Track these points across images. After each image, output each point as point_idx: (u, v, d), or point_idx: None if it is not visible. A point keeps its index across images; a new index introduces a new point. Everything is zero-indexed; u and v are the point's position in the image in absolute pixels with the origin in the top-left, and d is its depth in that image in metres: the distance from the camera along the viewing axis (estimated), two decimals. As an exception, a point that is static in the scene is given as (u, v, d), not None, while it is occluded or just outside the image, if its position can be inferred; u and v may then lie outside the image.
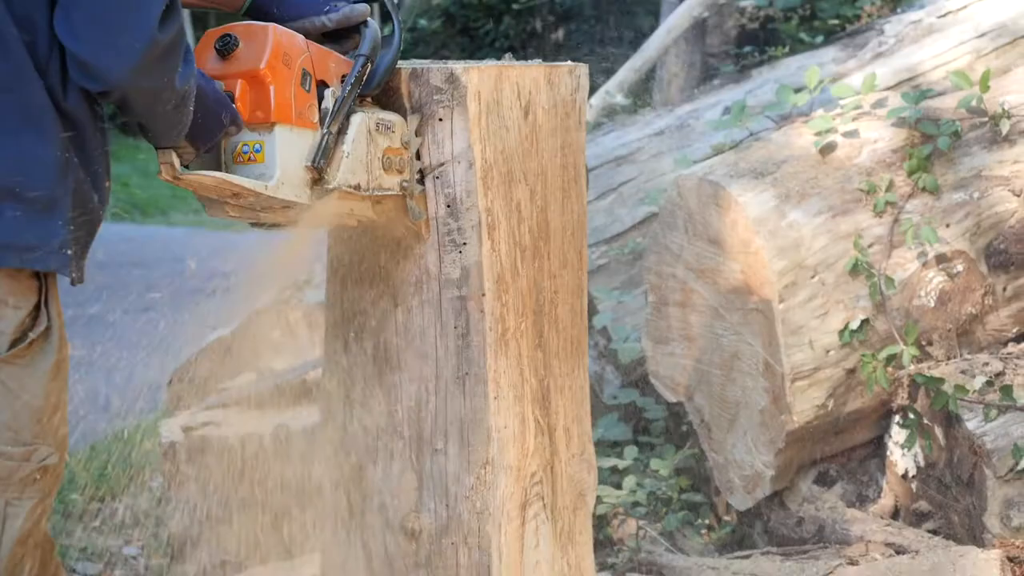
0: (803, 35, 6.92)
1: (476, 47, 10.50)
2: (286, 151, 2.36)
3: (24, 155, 2.06)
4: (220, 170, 2.37)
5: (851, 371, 3.79)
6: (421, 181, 2.60)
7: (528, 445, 2.73)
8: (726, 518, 4.23)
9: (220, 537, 4.14)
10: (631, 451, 4.36)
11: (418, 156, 2.59)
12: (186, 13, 2.65)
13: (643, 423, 4.61)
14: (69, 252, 2.12)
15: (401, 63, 2.63)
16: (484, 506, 2.64)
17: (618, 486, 4.27)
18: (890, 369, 3.79)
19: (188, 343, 5.29)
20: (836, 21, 6.95)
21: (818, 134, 3.91)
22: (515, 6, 10.48)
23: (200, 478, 4.23)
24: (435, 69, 2.57)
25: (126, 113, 2.16)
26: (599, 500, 4.22)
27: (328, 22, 2.55)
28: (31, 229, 2.07)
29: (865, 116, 4.00)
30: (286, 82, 2.35)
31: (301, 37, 2.42)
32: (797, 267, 3.70)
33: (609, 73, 7.06)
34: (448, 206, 2.59)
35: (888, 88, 4.28)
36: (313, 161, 2.40)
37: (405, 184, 2.57)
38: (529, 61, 2.78)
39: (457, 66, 2.57)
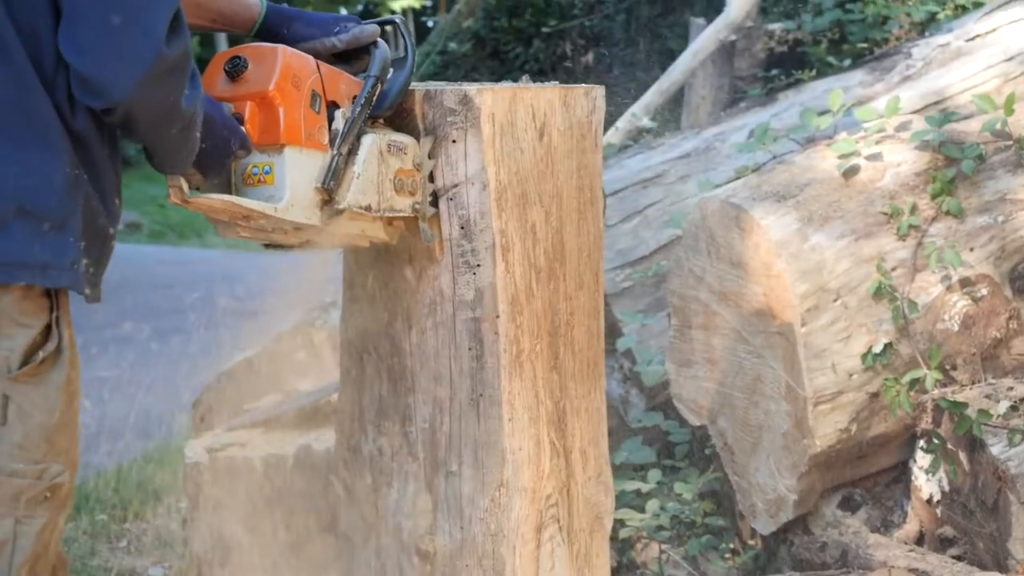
0: (831, 58, 6.89)
1: (506, 70, 10.50)
2: (296, 172, 2.37)
3: (33, 172, 2.06)
4: (230, 191, 2.38)
5: (874, 395, 3.77)
6: (435, 203, 2.60)
7: (543, 467, 2.72)
8: (750, 542, 4.20)
9: (243, 558, 4.14)
10: (654, 474, 4.34)
11: (432, 178, 2.60)
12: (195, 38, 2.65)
13: (667, 446, 4.59)
14: (81, 269, 2.11)
15: (419, 85, 2.64)
16: (499, 528, 2.63)
17: (641, 510, 4.25)
18: (913, 393, 3.76)
19: (217, 364, 5.32)
20: (865, 45, 6.92)
21: (841, 157, 3.89)
22: (545, 29, 10.49)
23: (223, 499, 4.24)
24: (449, 91, 2.58)
25: (131, 135, 2.16)
26: (622, 523, 4.21)
27: (338, 43, 2.57)
28: (43, 246, 2.07)
29: (889, 139, 3.97)
30: (295, 104, 2.36)
31: (311, 58, 2.43)
32: (819, 290, 3.68)
33: (638, 97, 7.06)
34: (462, 227, 2.59)
35: (915, 111, 4.25)
36: (323, 182, 2.40)
37: (417, 206, 2.57)
38: (545, 83, 2.79)
39: (471, 88, 2.57)
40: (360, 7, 37.86)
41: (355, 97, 2.48)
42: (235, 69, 2.36)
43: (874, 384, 3.76)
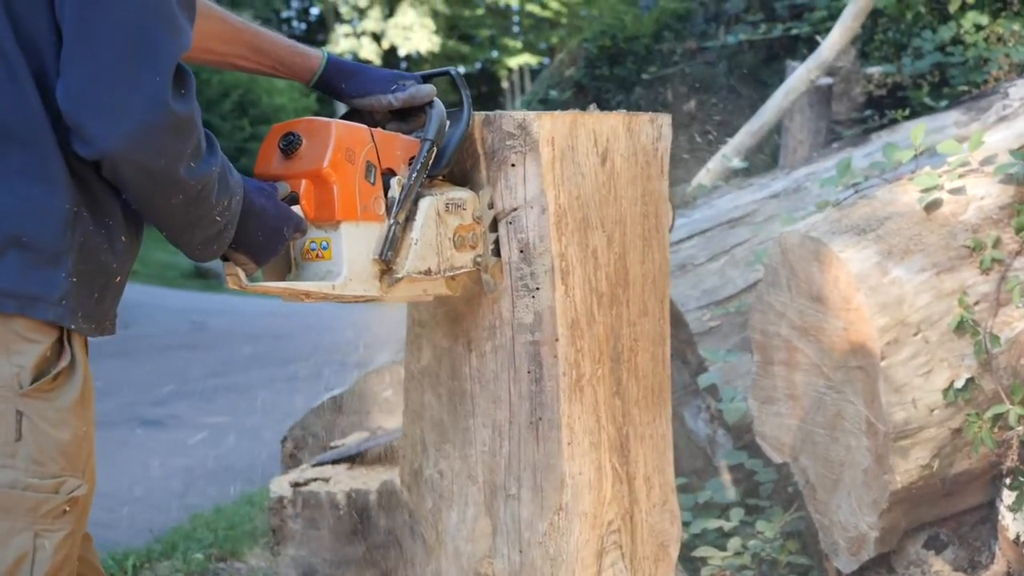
0: (929, 101, 6.82)
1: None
2: (353, 248, 2.36)
3: (32, 205, 2.04)
4: (289, 267, 2.40)
5: (956, 431, 3.70)
6: (497, 252, 2.60)
7: (605, 493, 2.70)
8: (837, 584, 4.14)
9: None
10: (737, 513, 4.30)
11: (491, 205, 2.60)
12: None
13: (753, 486, 4.55)
14: (71, 304, 2.09)
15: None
16: (558, 552, 2.62)
17: (724, 548, 4.21)
18: (997, 430, 3.69)
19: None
20: (965, 87, 6.84)
21: (923, 191, 3.84)
22: (645, 76, 10.50)
23: (306, 532, 4.27)
24: (507, 115, 2.58)
25: (128, 198, 2.13)
26: (704, 562, 4.18)
27: (394, 101, 2.57)
28: (34, 279, 2.06)
29: (972, 173, 3.92)
30: (350, 178, 2.35)
31: (365, 128, 2.42)
32: (899, 324, 3.63)
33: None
34: (521, 251, 2.58)
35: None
36: (380, 254, 2.39)
37: (479, 259, 2.56)
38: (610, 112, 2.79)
39: (530, 113, 2.58)
40: (478, 64, 38.30)
41: (411, 159, 2.47)
42: (289, 146, 2.36)
43: (956, 420, 3.70)
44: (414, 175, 2.44)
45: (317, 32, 40.15)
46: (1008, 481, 3.79)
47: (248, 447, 7.84)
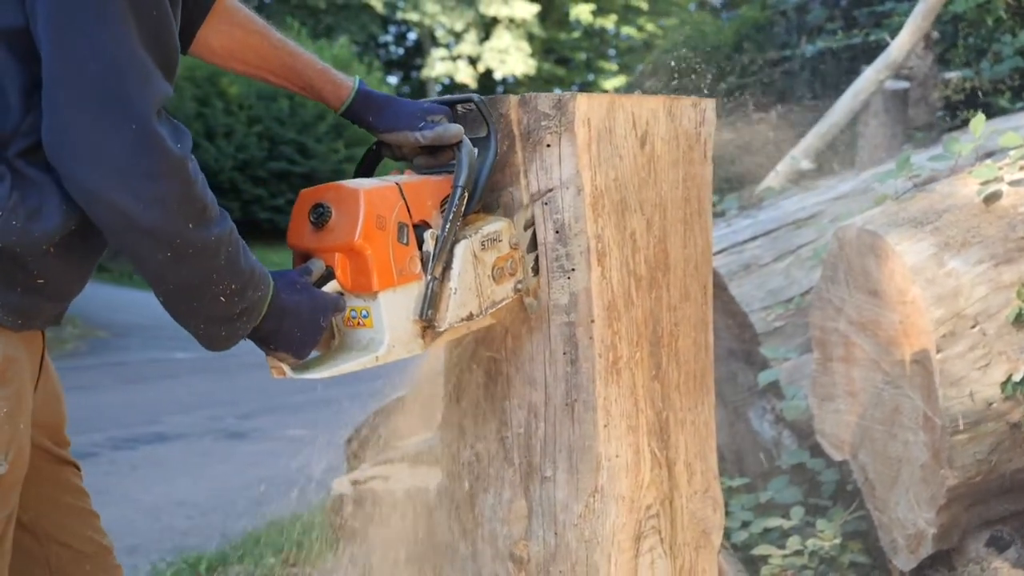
0: (1006, 104, 6.72)
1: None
2: (393, 314, 2.35)
3: None
4: (333, 333, 2.38)
5: (1015, 425, 3.64)
6: (536, 269, 2.58)
7: (643, 477, 2.68)
8: (900, 584, 4.09)
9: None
10: (797, 512, 4.26)
11: (528, 225, 2.57)
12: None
13: (815, 486, 4.51)
14: None
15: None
16: (593, 535, 2.60)
17: (783, 547, 4.18)
18: (1056, 424, 3.63)
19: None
20: (1048, 91, 6.75)
21: (983, 183, 3.79)
22: (723, 86, 10.45)
23: (367, 529, 4.29)
24: (543, 96, 2.57)
25: (121, 250, 2.09)
26: (765, 560, 4.14)
27: (421, 139, 2.55)
28: None
29: (1034, 165, 3.87)
30: (383, 247, 2.32)
31: (392, 186, 2.39)
32: (956, 316, 3.58)
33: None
34: (556, 232, 2.56)
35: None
36: (421, 314, 2.38)
37: (519, 285, 2.55)
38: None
39: (566, 94, 2.57)
40: (575, 87, 38.35)
41: (443, 201, 2.45)
42: (320, 219, 2.32)
43: (1015, 414, 3.64)
44: (447, 226, 2.41)
45: (414, 56, 40.46)
46: (1069, 478, 3.72)
47: (329, 458, 7.90)
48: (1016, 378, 3.60)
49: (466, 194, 2.44)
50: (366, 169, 2.66)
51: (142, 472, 8.39)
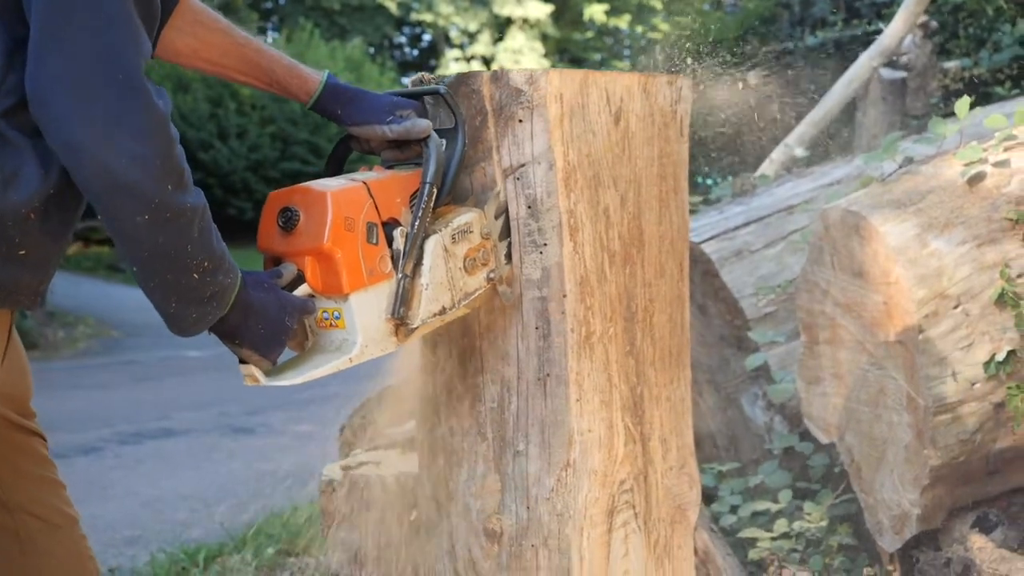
0: (1004, 92, 6.72)
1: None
2: (364, 315, 2.36)
3: None
4: (306, 334, 2.39)
5: (999, 405, 3.63)
6: (509, 256, 2.59)
7: (616, 452, 2.69)
8: (889, 567, 4.09)
9: (375, 573, 4.19)
10: (785, 495, 4.27)
11: (499, 213, 2.58)
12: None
13: (805, 470, 4.51)
14: None
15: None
16: (564, 508, 2.61)
17: (771, 530, 4.19)
18: (1040, 404, 3.62)
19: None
20: (1049, 81, 6.74)
21: (967, 164, 3.79)
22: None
23: (356, 515, 4.30)
24: (516, 71, 2.58)
25: (95, 207, 2.09)
26: (753, 544, 4.15)
27: (389, 133, 2.56)
28: None
29: (1019, 147, 3.86)
30: (352, 248, 2.33)
31: (361, 186, 2.39)
32: (939, 296, 3.58)
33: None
34: (528, 207, 2.57)
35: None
36: (393, 313, 2.39)
37: (492, 274, 2.56)
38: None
39: (538, 70, 2.58)
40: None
41: (412, 196, 2.46)
42: (288, 223, 2.33)
43: (998, 394, 3.63)
44: (417, 223, 2.42)
45: (428, 57, 40.46)
46: (1054, 457, 3.72)
47: (332, 453, 7.91)
48: (999, 358, 3.60)
49: (435, 190, 2.45)
50: (336, 162, 2.67)
51: (147, 466, 8.42)
